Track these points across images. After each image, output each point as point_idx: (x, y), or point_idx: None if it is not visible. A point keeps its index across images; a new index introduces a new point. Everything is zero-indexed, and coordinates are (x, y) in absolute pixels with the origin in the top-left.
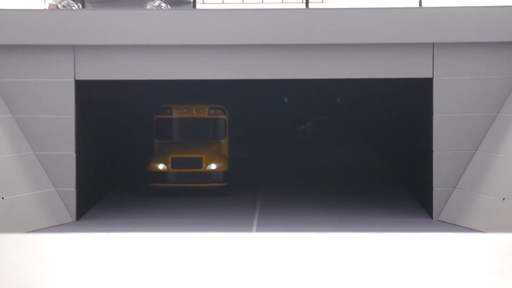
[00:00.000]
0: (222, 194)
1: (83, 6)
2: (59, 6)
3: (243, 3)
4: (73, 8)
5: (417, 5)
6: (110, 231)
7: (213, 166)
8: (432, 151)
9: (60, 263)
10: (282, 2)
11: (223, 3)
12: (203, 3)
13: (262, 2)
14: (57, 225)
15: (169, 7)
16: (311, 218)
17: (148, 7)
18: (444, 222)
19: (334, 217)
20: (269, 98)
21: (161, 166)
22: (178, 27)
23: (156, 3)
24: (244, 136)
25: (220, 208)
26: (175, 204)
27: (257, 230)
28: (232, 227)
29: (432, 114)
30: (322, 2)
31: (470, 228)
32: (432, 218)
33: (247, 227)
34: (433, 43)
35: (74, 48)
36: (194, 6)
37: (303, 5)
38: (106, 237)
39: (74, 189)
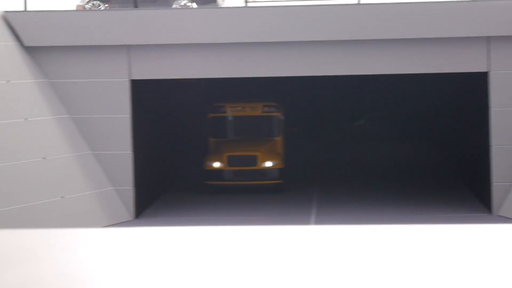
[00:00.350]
0: (277, 192)
1: (136, 6)
2: (86, 6)
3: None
4: (101, 8)
5: None
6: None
7: (268, 164)
8: (490, 146)
9: (124, 257)
10: None
11: (274, 0)
12: (255, 1)
13: None
14: (116, 224)
15: (195, 5)
16: (367, 214)
17: (174, 5)
18: (504, 217)
19: (391, 213)
20: (322, 95)
21: (216, 164)
22: (230, 25)
23: (183, 2)
24: (296, 133)
25: (276, 205)
26: (231, 201)
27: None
28: (289, 224)
29: (489, 109)
30: None
31: None
32: (492, 213)
33: (304, 224)
34: (488, 37)
35: (128, 48)
36: (246, 3)
37: (355, 0)
38: (167, 231)
39: (132, 187)
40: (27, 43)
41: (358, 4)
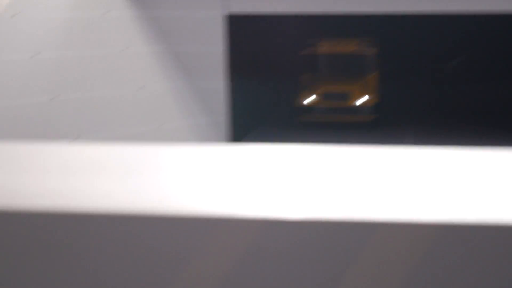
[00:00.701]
0: (370, 128)
1: None
2: None
3: None
4: None
5: None
6: None
7: (361, 100)
8: None
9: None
10: None
11: None
12: None
13: None
14: None
15: None
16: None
17: None
18: None
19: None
20: (415, 34)
21: (310, 99)
22: None
23: None
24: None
25: (368, 141)
26: (324, 137)
27: None
28: None
29: None
30: None
31: None
32: None
33: None
34: None
35: None
36: None
37: None
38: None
39: (225, 119)
40: None
41: None
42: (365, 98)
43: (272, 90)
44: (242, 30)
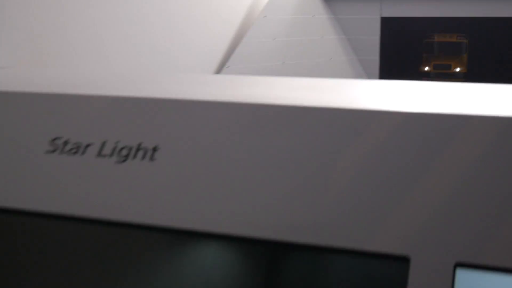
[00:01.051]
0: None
1: None
2: None
3: None
4: None
5: None
6: None
7: (457, 69)
8: None
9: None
10: None
11: None
12: None
13: None
14: None
15: None
16: None
17: None
18: None
19: None
20: (491, 31)
21: (426, 68)
22: None
23: None
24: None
25: None
26: None
27: None
28: None
29: None
30: None
31: None
32: None
33: None
34: None
35: None
36: None
37: None
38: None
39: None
40: None
41: None
42: (459, 68)
43: (408, 63)
44: (390, 26)
